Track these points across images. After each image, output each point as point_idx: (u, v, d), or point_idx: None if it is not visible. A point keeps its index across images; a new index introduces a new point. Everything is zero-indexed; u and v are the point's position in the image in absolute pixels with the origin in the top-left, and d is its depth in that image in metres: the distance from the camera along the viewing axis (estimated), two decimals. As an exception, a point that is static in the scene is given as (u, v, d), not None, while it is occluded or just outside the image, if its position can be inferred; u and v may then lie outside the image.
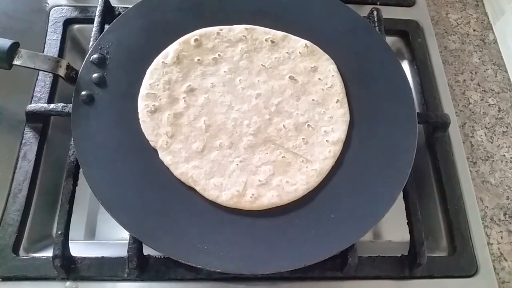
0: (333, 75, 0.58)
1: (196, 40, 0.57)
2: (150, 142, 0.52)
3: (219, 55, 0.57)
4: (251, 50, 0.59)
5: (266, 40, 0.59)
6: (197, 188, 0.51)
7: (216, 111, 0.54)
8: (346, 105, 0.57)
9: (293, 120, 0.55)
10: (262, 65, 0.58)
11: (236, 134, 0.54)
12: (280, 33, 0.60)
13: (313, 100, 0.57)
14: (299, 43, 0.60)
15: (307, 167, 0.53)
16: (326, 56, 0.59)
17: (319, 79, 0.58)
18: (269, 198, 0.51)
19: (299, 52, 0.59)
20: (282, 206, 0.51)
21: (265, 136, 0.54)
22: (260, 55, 0.58)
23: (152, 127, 0.53)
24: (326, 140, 0.54)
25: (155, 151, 0.52)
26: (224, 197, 0.50)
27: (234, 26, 0.60)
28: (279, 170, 0.52)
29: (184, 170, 0.51)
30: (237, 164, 0.52)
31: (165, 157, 0.52)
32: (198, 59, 0.57)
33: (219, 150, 0.53)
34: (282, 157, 0.53)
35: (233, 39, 0.59)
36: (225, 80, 0.56)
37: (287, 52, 0.59)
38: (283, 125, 0.54)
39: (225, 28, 0.59)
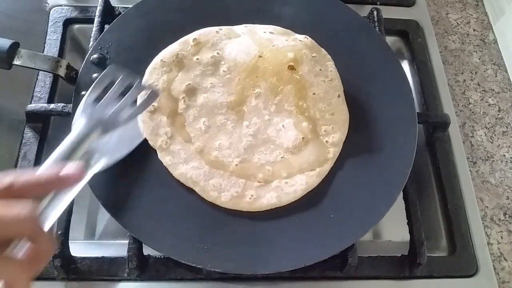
0: (331, 70, 0.58)
1: (194, 39, 0.57)
2: (150, 142, 0.52)
3: (218, 53, 0.57)
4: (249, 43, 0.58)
5: (264, 32, 0.59)
6: (197, 189, 0.51)
7: (215, 111, 0.54)
8: (345, 102, 0.57)
9: (292, 119, 0.55)
10: (259, 56, 0.56)
11: (236, 135, 0.54)
12: (280, 28, 0.60)
13: (314, 94, 0.56)
14: (299, 36, 0.59)
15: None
16: (324, 51, 0.59)
17: (320, 70, 0.57)
18: (268, 199, 0.51)
19: (300, 40, 0.58)
20: (282, 206, 0.51)
21: (265, 136, 0.54)
22: (257, 46, 0.57)
23: (152, 127, 0.53)
24: (326, 141, 0.54)
25: (155, 150, 0.52)
26: (223, 198, 0.50)
27: (235, 27, 0.60)
28: (278, 170, 0.52)
29: (184, 171, 0.51)
30: (236, 165, 0.52)
31: (164, 158, 0.52)
32: (197, 59, 0.56)
33: (218, 151, 0.53)
34: (281, 157, 0.53)
35: (232, 36, 0.58)
36: (224, 80, 0.56)
37: (286, 40, 0.58)
38: (283, 125, 0.54)
39: (225, 28, 0.59)
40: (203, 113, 0.54)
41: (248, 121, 0.54)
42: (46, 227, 0.35)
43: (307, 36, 0.59)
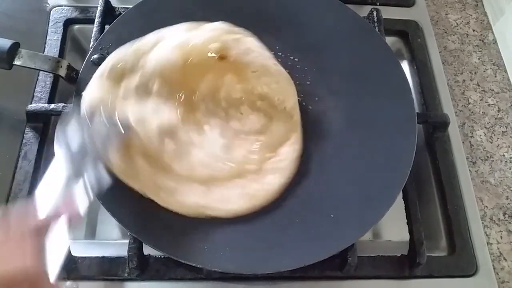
0: (254, 44, 0.55)
1: (111, 69, 0.52)
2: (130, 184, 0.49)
3: (141, 72, 0.52)
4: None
5: (176, 32, 0.54)
6: (203, 215, 0.49)
7: (174, 130, 0.51)
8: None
9: (246, 104, 0.53)
10: (184, 60, 0.51)
11: (206, 143, 0.51)
12: (189, 23, 0.55)
13: (253, 72, 0.53)
14: (213, 24, 0.55)
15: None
16: (241, 29, 0.55)
17: (247, 48, 0.54)
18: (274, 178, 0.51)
19: (216, 28, 0.54)
20: (283, 206, 0.51)
21: (231, 131, 0.53)
22: (177, 50, 0.52)
23: (129, 171, 0.49)
24: (284, 108, 0.53)
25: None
26: (230, 207, 0.50)
27: (145, 37, 0.54)
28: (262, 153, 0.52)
29: (183, 200, 0.49)
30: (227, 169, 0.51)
31: (158, 193, 0.49)
32: (124, 87, 0.51)
33: (202, 167, 0.50)
34: (257, 142, 0.53)
35: (145, 49, 0.53)
36: (163, 98, 0.51)
37: (202, 32, 0.54)
38: (240, 112, 0.53)
39: (135, 41, 0.54)
40: (163, 135, 0.50)
41: (208, 125, 0.52)
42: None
43: (222, 22, 0.55)
